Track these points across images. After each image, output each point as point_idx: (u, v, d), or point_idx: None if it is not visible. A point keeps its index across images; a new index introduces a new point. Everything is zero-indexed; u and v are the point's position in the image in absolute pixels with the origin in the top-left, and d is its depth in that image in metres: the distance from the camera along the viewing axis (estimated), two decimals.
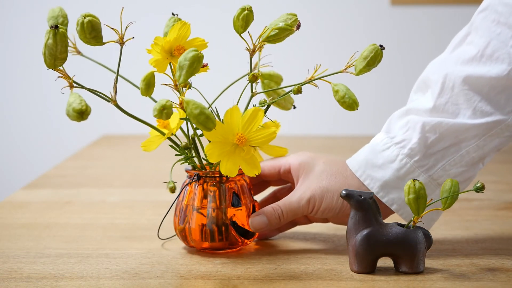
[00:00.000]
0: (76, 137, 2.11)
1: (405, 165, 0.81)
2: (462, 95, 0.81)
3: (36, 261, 0.80)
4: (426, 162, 0.81)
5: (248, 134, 0.76)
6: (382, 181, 0.82)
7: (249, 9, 0.78)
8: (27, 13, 2.10)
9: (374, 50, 0.77)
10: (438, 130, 0.81)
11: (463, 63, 0.81)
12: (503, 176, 1.30)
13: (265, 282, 0.73)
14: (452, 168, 0.82)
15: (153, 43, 0.76)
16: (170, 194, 0.85)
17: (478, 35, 0.81)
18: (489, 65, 0.80)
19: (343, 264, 0.78)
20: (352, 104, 0.77)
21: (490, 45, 0.80)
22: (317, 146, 1.70)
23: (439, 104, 0.81)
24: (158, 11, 2.04)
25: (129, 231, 0.93)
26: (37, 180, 1.28)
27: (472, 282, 0.73)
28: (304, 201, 0.82)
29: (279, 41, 0.80)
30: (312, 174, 0.84)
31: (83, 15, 0.74)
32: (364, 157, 0.84)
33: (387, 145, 0.83)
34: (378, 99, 2.09)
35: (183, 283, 0.73)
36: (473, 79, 0.80)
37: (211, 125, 0.71)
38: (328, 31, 2.08)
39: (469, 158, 0.82)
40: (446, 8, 2.05)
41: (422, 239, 0.74)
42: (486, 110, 0.80)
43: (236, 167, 0.76)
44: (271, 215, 0.82)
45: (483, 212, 1.02)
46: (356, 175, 0.83)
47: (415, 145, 0.81)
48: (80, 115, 0.70)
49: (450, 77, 0.81)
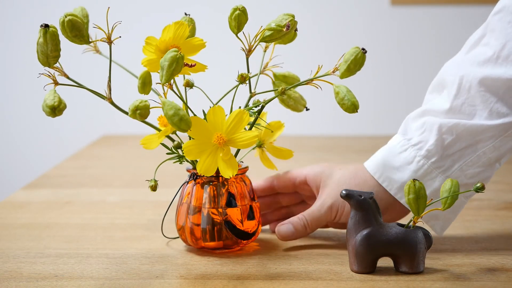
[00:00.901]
0: (76, 137, 2.11)
1: (423, 166, 0.82)
2: (478, 96, 0.81)
3: (36, 261, 0.80)
4: (443, 163, 0.82)
5: (230, 136, 0.76)
6: (400, 183, 0.82)
7: (241, 9, 0.77)
8: (27, 13, 2.10)
9: (355, 53, 0.76)
10: (455, 132, 0.81)
11: (479, 64, 0.81)
12: (503, 176, 1.30)
13: (265, 282, 0.73)
14: (469, 168, 0.82)
15: (145, 43, 0.76)
16: (170, 194, 0.85)
17: (493, 37, 0.81)
18: (505, 66, 0.80)
19: (343, 264, 0.78)
20: (351, 107, 0.76)
21: (506, 47, 0.80)
22: (317, 146, 1.70)
23: (455, 105, 0.82)
24: (159, 10, 2.04)
25: (129, 231, 0.93)
26: (37, 180, 1.28)
27: (472, 282, 0.73)
28: (326, 208, 0.84)
29: (283, 42, 0.80)
30: (331, 181, 0.85)
31: (65, 14, 0.74)
32: (382, 159, 0.84)
33: (404, 147, 0.83)
34: (378, 99, 2.09)
35: (183, 283, 0.73)
36: (489, 81, 0.80)
37: (184, 126, 0.72)
38: (328, 31, 2.08)
39: (485, 158, 0.82)
40: (446, 8, 2.05)
41: (422, 239, 0.74)
42: (502, 111, 0.81)
43: (213, 166, 0.76)
44: (297, 224, 0.84)
45: (483, 212, 1.02)
46: (375, 177, 0.84)
47: (432, 147, 0.82)
48: (53, 110, 0.72)
49: (467, 79, 0.81)
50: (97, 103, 2.01)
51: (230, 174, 0.75)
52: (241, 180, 0.83)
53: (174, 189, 0.87)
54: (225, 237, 0.81)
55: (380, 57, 2.09)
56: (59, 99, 0.72)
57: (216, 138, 0.75)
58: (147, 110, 0.72)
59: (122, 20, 0.77)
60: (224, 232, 0.81)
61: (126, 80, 0.83)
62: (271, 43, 0.80)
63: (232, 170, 0.75)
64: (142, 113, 0.72)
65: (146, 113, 0.72)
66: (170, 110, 0.71)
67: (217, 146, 0.76)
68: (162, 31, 0.76)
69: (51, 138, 2.15)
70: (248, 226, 0.82)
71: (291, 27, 0.78)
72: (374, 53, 2.09)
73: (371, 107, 2.08)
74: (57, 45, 0.74)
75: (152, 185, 0.79)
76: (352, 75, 0.77)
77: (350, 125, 2.05)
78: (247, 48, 0.79)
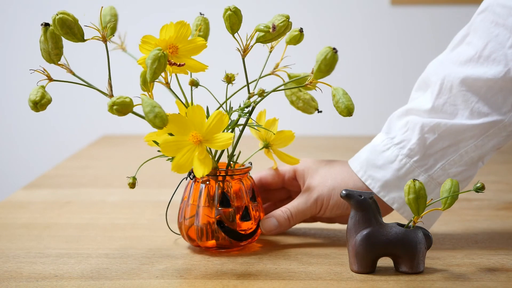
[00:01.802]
0: (76, 137, 2.11)
1: (405, 165, 0.83)
2: (460, 96, 0.82)
3: (36, 261, 0.80)
4: (425, 162, 0.83)
5: (208, 136, 0.76)
6: (382, 181, 0.83)
7: (233, 9, 0.77)
8: (27, 13, 2.10)
9: (325, 54, 0.74)
10: (436, 131, 0.82)
11: (461, 64, 0.82)
12: (503, 176, 1.30)
13: (265, 282, 0.73)
14: (452, 167, 0.83)
15: (142, 42, 0.76)
16: (170, 194, 0.85)
17: (476, 36, 0.82)
18: (486, 66, 0.81)
19: (343, 264, 0.78)
20: (344, 110, 0.75)
21: (488, 47, 0.81)
22: (317, 146, 1.70)
23: (437, 105, 0.83)
24: (161, 10, 2.04)
25: (129, 231, 0.93)
26: (37, 180, 1.28)
27: (472, 282, 0.73)
28: (312, 201, 0.84)
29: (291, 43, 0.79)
30: (316, 175, 0.86)
31: (58, 12, 0.76)
32: (365, 157, 0.85)
33: (387, 146, 0.84)
34: (378, 99, 2.09)
35: (183, 283, 0.73)
36: (471, 80, 0.81)
37: (159, 123, 0.72)
38: (328, 31, 2.08)
39: (468, 157, 0.83)
40: (446, 8, 2.05)
41: (422, 239, 0.74)
42: (483, 110, 0.81)
43: (187, 165, 0.76)
44: (281, 217, 0.84)
45: (483, 212, 1.02)
46: (358, 175, 0.85)
47: (414, 146, 0.82)
48: (35, 105, 0.73)
49: (449, 78, 0.82)
50: (97, 103, 2.01)
51: (201, 174, 0.75)
52: (239, 180, 0.83)
53: (174, 189, 0.87)
54: (220, 238, 0.81)
55: (380, 57, 2.08)
56: (41, 94, 0.74)
57: (191, 137, 0.75)
58: (125, 106, 0.73)
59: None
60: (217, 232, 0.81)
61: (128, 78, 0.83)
62: (269, 43, 0.79)
63: (204, 170, 0.75)
64: (119, 109, 0.72)
65: (123, 109, 0.73)
66: (147, 107, 0.72)
67: (193, 144, 0.76)
68: (160, 30, 0.76)
69: (51, 138, 2.15)
70: (243, 227, 0.82)
71: (277, 28, 0.77)
72: (374, 53, 2.09)
73: (371, 107, 2.08)
74: (57, 42, 0.76)
75: (130, 182, 0.79)
76: (326, 76, 0.75)
77: (350, 125, 2.05)
78: (242, 48, 0.79)
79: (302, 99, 0.84)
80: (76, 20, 0.76)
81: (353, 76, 2.08)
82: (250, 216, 0.83)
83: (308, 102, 0.84)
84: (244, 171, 0.83)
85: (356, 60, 2.09)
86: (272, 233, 0.85)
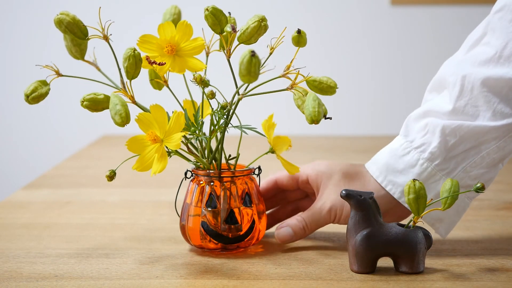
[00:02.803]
0: (76, 137, 2.11)
1: (426, 169, 0.81)
2: (481, 97, 0.80)
3: (36, 261, 0.80)
4: (447, 166, 0.81)
5: (167, 135, 0.76)
6: (404, 187, 0.81)
7: (210, 9, 0.76)
8: (27, 13, 2.10)
9: (243, 57, 0.71)
10: (458, 133, 0.81)
11: (480, 64, 0.81)
12: (503, 176, 1.30)
13: (265, 282, 0.73)
14: (473, 170, 0.82)
15: (141, 41, 0.76)
16: (170, 194, 0.85)
17: (495, 36, 0.81)
18: (507, 66, 0.80)
19: (343, 264, 0.78)
20: (307, 117, 0.73)
21: (508, 46, 0.80)
22: (317, 146, 1.70)
23: (458, 106, 0.81)
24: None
25: (129, 231, 0.93)
26: (37, 180, 1.28)
27: (472, 282, 0.73)
28: (325, 211, 0.83)
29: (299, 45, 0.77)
30: (330, 183, 0.85)
31: (60, 13, 0.78)
32: (385, 162, 0.83)
33: (407, 150, 0.83)
34: (378, 99, 2.09)
35: (183, 283, 0.73)
36: (492, 81, 0.80)
37: (118, 120, 0.73)
38: (328, 31, 2.08)
39: (489, 159, 0.82)
40: (446, 8, 2.05)
41: (422, 239, 0.74)
42: (505, 111, 0.80)
43: (147, 164, 0.76)
44: (296, 226, 0.84)
45: (483, 212, 1.02)
46: (378, 180, 0.83)
47: (435, 149, 0.81)
48: (26, 97, 0.77)
49: (469, 79, 0.81)
50: None
51: (153, 172, 0.75)
52: (233, 183, 0.81)
53: (175, 189, 0.87)
54: (208, 239, 0.81)
55: (380, 57, 2.09)
56: (33, 88, 0.77)
57: (148, 135, 0.76)
58: (95, 103, 0.76)
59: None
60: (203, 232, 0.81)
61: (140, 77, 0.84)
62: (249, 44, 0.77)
63: (157, 168, 0.75)
64: (89, 105, 0.76)
65: (93, 105, 0.76)
66: (111, 104, 0.74)
67: (159, 144, 0.76)
68: (158, 29, 0.76)
69: (51, 138, 2.15)
70: (229, 229, 0.81)
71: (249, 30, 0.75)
72: (374, 53, 2.09)
73: (371, 107, 2.08)
74: (74, 40, 0.80)
75: (107, 174, 0.79)
76: (253, 79, 0.72)
77: (350, 125, 2.05)
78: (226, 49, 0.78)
79: None
80: (76, 20, 0.77)
81: (353, 76, 2.08)
82: (237, 220, 0.81)
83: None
84: (237, 174, 0.82)
85: (356, 60, 2.09)
86: (287, 242, 0.84)
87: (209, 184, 0.81)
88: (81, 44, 0.81)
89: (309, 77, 0.77)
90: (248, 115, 0.98)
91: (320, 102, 0.73)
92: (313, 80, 0.77)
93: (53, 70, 0.79)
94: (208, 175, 0.81)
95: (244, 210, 0.82)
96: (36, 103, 0.78)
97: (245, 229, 0.81)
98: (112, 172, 0.79)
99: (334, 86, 0.77)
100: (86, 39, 0.79)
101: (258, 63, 0.71)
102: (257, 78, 0.72)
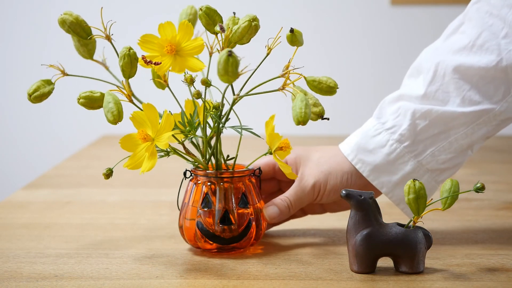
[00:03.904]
0: (76, 137, 2.11)
1: (395, 150, 0.84)
2: (452, 83, 0.83)
3: (36, 261, 0.80)
4: (415, 148, 0.84)
5: (158, 134, 0.76)
6: (373, 165, 0.84)
7: (203, 9, 0.76)
8: (27, 13, 2.10)
9: (220, 57, 0.69)
10: (428, 117, 0.83)
11: (454, 52, 0.83)
12: (503, 176, 1.30)
13: (265, 282, 0.73)
14: (441, 154, 0.84)
15: (142, 41, 0.76)
16: (170, 194, 0.85)
17: (471, 25, 0.83)
18: (479, 55, 0.82)
19: (343, 264, 0.78)
20: (294, 118, 0.72)
21: (482, 36, 0.82)
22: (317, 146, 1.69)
23: (430, 91, 0.84)
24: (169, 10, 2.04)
25: (129, 231, 0.93)
26: (37, 180, 1.28)
27: (472, 282, 0.73)
28: (309, 188, 0.85)
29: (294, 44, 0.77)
30: (310, 162, 0.86)
31: (64, 13, 0.79)
32: (356, 141, 0.86)
33: (378, 131, 0.85)
34: (378, 99, 2.09)
35: (183, 283, 0.73)
36: (464, 68, 0.82)
37: (110, 118, 0.74)
38: (328, 31, 2.08)
39: (457, 145, 0.84)
40: (446, 8, 2.05)
41: (422, 239, 0.74)
42: (475, 99, 0.83)
43: (137, 162, 0.77)
44: (281, 205, 0.85)
45: (483, 212, 1.02)
46: (348, 159, 0.86)
47: (405, 131, 0.84)
48: (29, 96, 0.78)
49: (442, 66, 0.83)
50: None
51: (142, 171, 0.76)
52: (230, 183, 0.81)
53: (176, 189, 0.87)
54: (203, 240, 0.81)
55: (380, 57, 2.08)
56: (36, 87, 0.78)
57: (138, 133, 0.76)
58: (91, 101, 0.77)
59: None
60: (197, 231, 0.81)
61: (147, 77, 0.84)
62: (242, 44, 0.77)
63: (146, 167, 0.76)
64: (84, 103, 0.77)
65: (89, 103, 0.77)
66: (105, 102, 0.75)
67: (150, 142, 0.76)
68: (158, 29, 0.76)
69: (51, 138, 2.15)
70: (223, 230, 0.80)
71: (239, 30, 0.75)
72: (374, 53, 2.09)
73: (371, 107, 2.08)
74: (80, 40, 0.82)
75: (104, 173, 0.79)
76: (232, 79, 0.70)
77: (349, 125, 2.05)
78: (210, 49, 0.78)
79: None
80: (79, 20, 0.79)
81: (353, 76, 2.08)
82: (231, 221, 0.80)
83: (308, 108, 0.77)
84: (237, 174, 0.81)
85: (356, 60, 2.09)
86: (274, 221, 0.85)
87: (206, 184, 0.81)
88: (88, 44, 0.82)
89: (309, 77, 0.77)
90: (249, 115, 0.98)
91: (308, 103, 0.73)
92: (313, 80, 0.77)
93: (59, 70, 0.80)
94: (205, 175, 0.81)
95: (239, 211, 0.81)
96: (38, 102, 0.79)
97: (241, 230, 0.81)
98: (109, 170, 0.79)
99: (334, 86, 0.77)
100: (88, 39, 0.79)
101: (235, 62, 0.70)
102: (236, 78, 0.71)
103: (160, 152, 0.79)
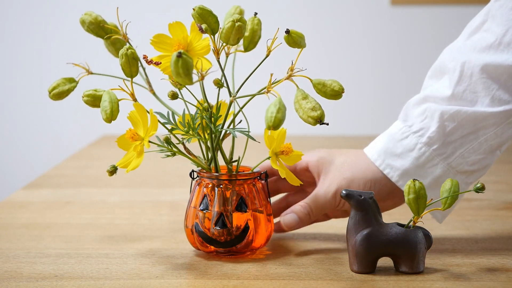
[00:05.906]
0: (76, 137, 2.11)
1: (424, 153, 0.82)
2: (480, 83, 0.81)
3: (36, 261, 0.80)
4: (444, 150, 0.82)
5: (147, 134, 0.77)
6: (401, 170, 0.82)
7: (196, 9, 0.75)
8: (27, 13, 2.10)
9: (171, 58, 0.68)
10: (456, 119, 0.81)
11: (480, 50, 0.81)
12: (503, 176, 1.30)
13: (265, 282, 0.73)
14: (471, 155, 0.82)
15: (156, 41, 0.77)
16: (170, 194, 0.85)
17: (495, 23, 0.81)
18: (507, 53, 0.80)
19: (343, 264, 0.78)
20: (265, 122, 0.70)
21: (508, 33, 0.80)
22: (317, 146, 1.69)
23: (457, 92, 0.82)
24: (161, 10, 2.04)
25: (129, 231, 0.93)
26: (37, 180, 1.28)
27: (472, 282, 0.73)
28: (331, 194, 0.83)
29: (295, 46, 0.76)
30: (333, 167, 0.85)
31: (84, 13, 0.81)
32: (383, 146, 0.84)
33: (405, 134, 0.83)
34: (378, 99, 2.09)
35: (183, 283, 0.73)
36: (491, 67, 0.80)
37: (103, 116, 0.75)
38: (328, 31, 2.08)
39: (487, 145, 0.82)
40: (446, 8, 2.05)
41: (422, 239, 0.74)
42: (504, 98, 0.81)
43: (128, 161, 0.77)
44: (301, 212, 0.84)
45: (483, 212, 1.02)
46: (376, 164, 0.84)
47: (434, 134, 0.82)
48: (49, 93, 0.81)
49: (468, 65, 0.81)
50: None
51: (127, 170, 0.76)
52: (230, 186, 0.80)
53: (176, 189, 0.87)
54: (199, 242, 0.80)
55: (380, 57, 2.08)
56: (55, 85, 0.81)
57: (127, 133, 0.77)
58: (94, 99, 0.78)
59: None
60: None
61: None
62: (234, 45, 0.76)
63: (131, 166, 0.76)
64: (87, 100, 0.79)
65: (92, 102, 0.79)
66: (101, 101, 0.76)
67: (138, 142, 0.77)
68: (169, 28, 0.76)
69: (51, 138, 2.15)
70: (217, 233, 0.79)
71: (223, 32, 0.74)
72: (374, 53, 2.09)
73: (371, 107, 2.08)
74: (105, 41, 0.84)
75: (108, 169, 0.78)
76: (188, 82, 0.69)
77: (350, 125, 2.05)
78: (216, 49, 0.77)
79: (303, 108, 0.73)
80: (98, 20, 0.80)
81: (353, 76, 2.08)
82: (226, 224, 0.79)
83: (306, 112, 0.73)
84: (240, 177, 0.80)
85: (356, 60, 2.09)
86: (293, 229, 0.84)
87: (207, 186, 0.81)
88: (116, 44, 0.83)
89: (315, 80, 0.76)
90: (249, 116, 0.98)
91: (282, 108, 0.70)
92: (318, 83, 0.76)
93: (84, 68, 0.81)
94: (205, 177, 0.81)
95: (236, 214, 0.80)
96: (58, 99, 0.81)
97: (237, 234, 0.79)
98: (113, 167, 0.78)
99: (339, 90, 0.75)
100: (105, 38, 0.81)
101: (186, 64, 0.67)
102: (191, 80, 0.69)
103: (166, 152, 0.79)
